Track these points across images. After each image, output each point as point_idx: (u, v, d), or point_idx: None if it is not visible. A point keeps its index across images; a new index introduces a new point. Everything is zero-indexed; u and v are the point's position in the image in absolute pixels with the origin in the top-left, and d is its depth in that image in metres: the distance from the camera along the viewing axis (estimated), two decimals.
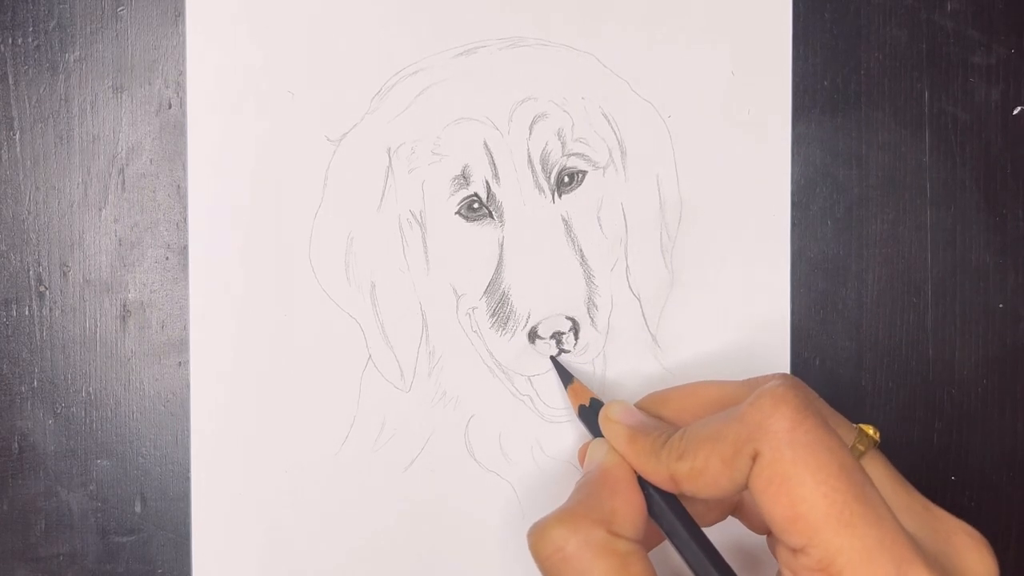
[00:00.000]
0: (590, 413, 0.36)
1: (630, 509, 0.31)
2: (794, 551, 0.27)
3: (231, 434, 0.38)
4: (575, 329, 0.39)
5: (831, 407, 0.32)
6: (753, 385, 0.32)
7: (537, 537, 0.30)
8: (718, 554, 0.30)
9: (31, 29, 0.38)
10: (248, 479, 0.38)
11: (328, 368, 0.38)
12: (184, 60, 0.38)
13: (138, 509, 0.38)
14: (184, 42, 0.38)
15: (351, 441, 0.38)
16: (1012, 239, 0.41)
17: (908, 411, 0.41)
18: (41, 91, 0.38)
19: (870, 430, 0.31)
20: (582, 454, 0.37)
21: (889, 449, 0.41)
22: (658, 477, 0.30)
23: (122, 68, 0.38)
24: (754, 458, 0.28)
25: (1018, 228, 0.41)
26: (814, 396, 0.32)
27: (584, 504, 0.30)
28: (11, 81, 0.38)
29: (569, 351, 0.39)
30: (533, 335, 0.38)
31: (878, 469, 0.30)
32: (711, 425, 0.29)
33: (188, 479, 0.38)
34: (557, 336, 0.38)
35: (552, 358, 0.38)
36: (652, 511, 0.31)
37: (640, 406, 0.35)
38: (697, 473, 0.29)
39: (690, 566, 0.30)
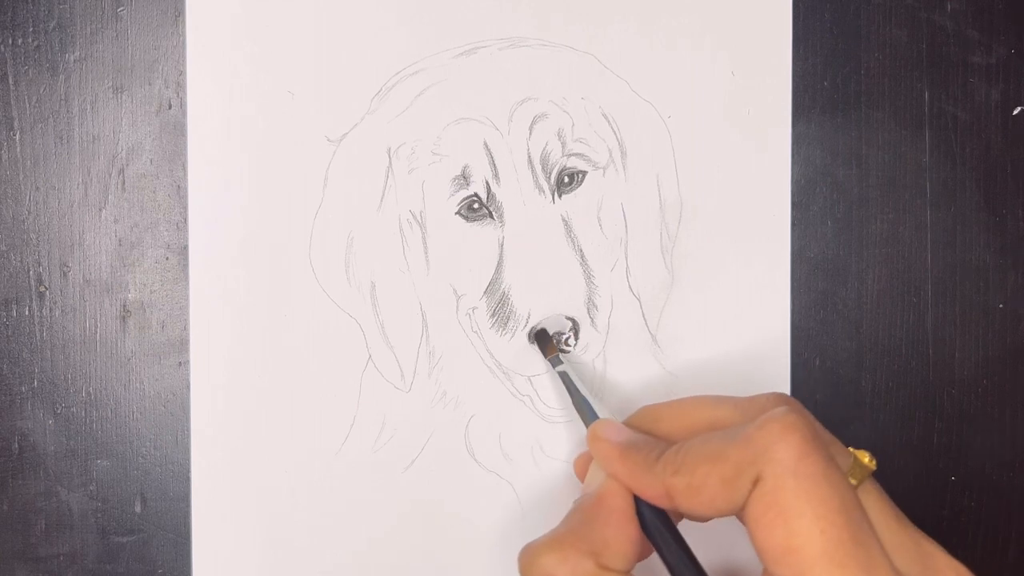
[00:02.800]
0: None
1: (623, 540, 0.30)
2: None
3: (231, 434, 0.38)
4: (575, 329, 0.39)
5: (828, 432, 0.32)
6: (747, 406, 0.32)
7: (527, 562, 0.30)
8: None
9: (31, 29, 0.38)
10: (248, 479, 0.38)
11: (328, 368, 0.38)
12: (184, 60, 0.38)
13: (138, 509, 0.38)
14: (184, 42, 0.38)
15: (351, 441, 0.38)
16: (1012, 239, 0.41)
17: (908, 411, 0.41)
18: (41, 91, 0.38)
19: (865, 458, 0.30)
20: (578, 467, 0.36)
21: (889, 449, 0.41)
22: (652, 492, 0.30)
23: (122, 68, 0.38)
24: (755, 482, 0.27)
25: (1018, 228, 0.41)
26: (814, 421, 0.32)
27: (575, 532, 0.30)
28: (11, 81, 0.38)
29: (569, 351, 0.39)
30: (533, 335, 0.39)
31: (873, 502, 0.30)
32: (712, 443, 0.29)
33: (188, 479, 0.38)
34: (557, 336, 0.38)
35: (560, 372, 0.38)
36: (645, 528, 0.31)
37: (631, 422, 0.34)
38: (694, 490, 0.28)
39: None
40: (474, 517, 0.39)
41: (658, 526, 0.30)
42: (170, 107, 0.38)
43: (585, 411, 0.35)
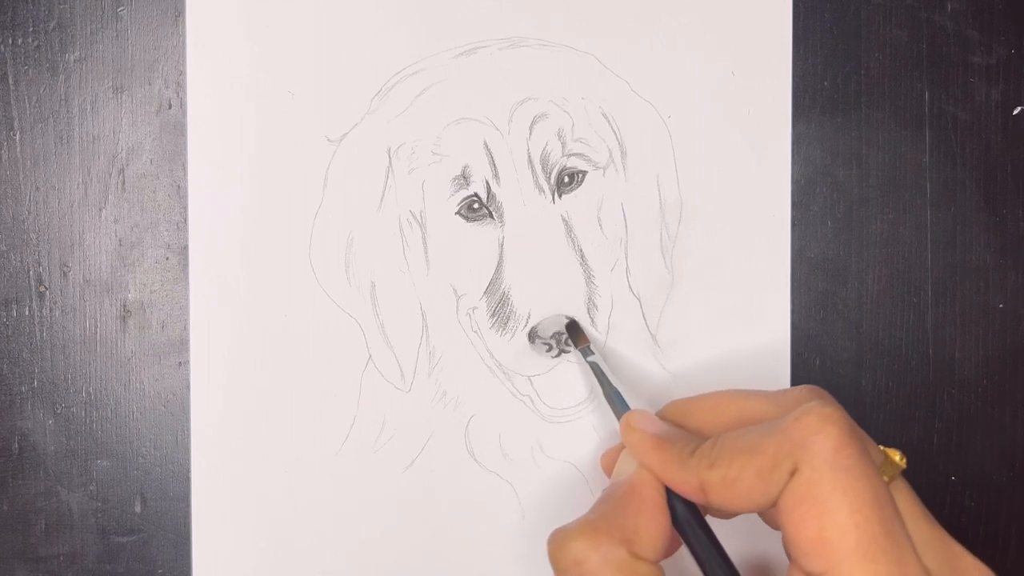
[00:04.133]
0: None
1: (654, 529, 0.30)
2: (810, 574, 0.27)
3: (231, 434, 0.38)
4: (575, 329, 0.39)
5: (860, 427, 0.31)
6: (780, 399, 0.32)
7: (557, 546, 0.29)
8: (736, 571, 0.30)
9: (31, 29, 0.38)
10: (248, 479, 0.38)
11: (328, 368, 0.38)
12: (184, 60, 0.38)
13: (138, 509, 0.38)
14: (184, 42, 0.38)
15: (351, 441, 0.38)
16: (1012, 239, 0.41)
17: (908, 411, 0.41)
18: (41, 91, 0.38)
19: (896, 456, 0.30)
20: (605, 460, 0.36)
21: None
22: (687, 487, 0.30)
23: (122, 68, 0.38)
24: (791, 475, 0.27)
25: (1018, 228, 0.41)
26: (848, 415, 0.31)
27: (607, 519, 0.30)
28: (11, 81, 0.38)
29: (570, 351, 0.39)
30: (533, 335, 0.39)
31: (903, 500, 0.30)
32: (748, 436, 0.29)
33: (188, 479, 0.38)
34: (557, 336, 0.38)
35: (591, 362, 0.37)
36: (676, 521, 0.31)
37: (661, 416, 0.34)
38: (730, 483, 0.28)
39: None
40: (474, 517, 0.39)
41: (689, 519, 0.30)
42: (170, 107, 0.38)
43: (616, 402, 0.35)
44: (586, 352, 0.37)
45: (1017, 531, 0.41)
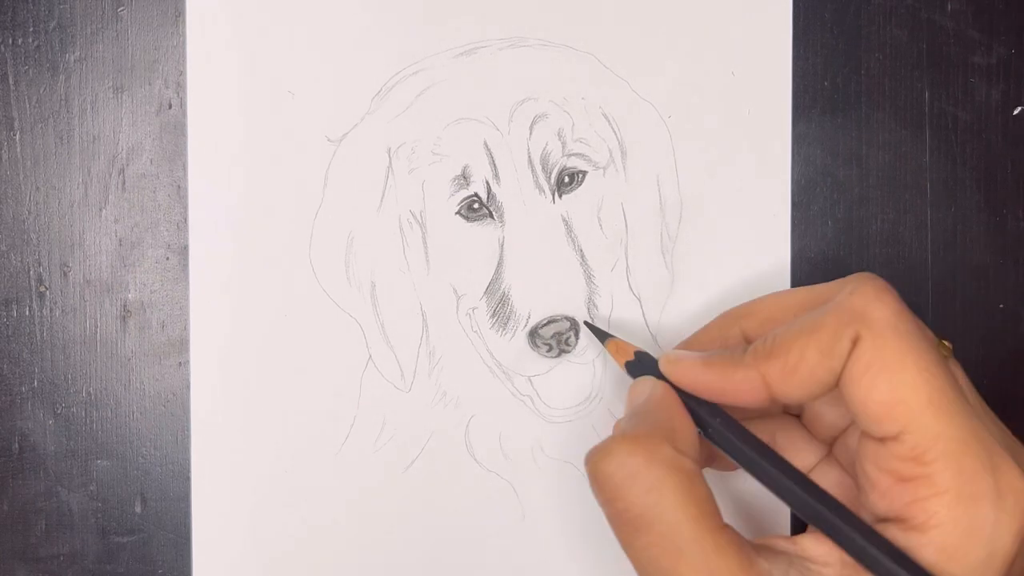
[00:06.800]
0: (637, 367, 0.35)
1: (688, 429, 0.30)
2: (883, 440, 0.27)
3: (231, 434, 0.38)
4: (575, 329, 0.39)
5: None
6: (824, 289, 0.32)
7: (599, 457, 0.28)
8: (790, 465, 0.29)
9: (31, 29, 0.38)
10: (248, 479, 0.38)
11: (328, 368, 0.38)
12: (184, 60, 0.38)
13: (138, 509, 0.38)
14: (184, 42, 0.38)
15: (351, 441, 0.38)
16: (1012, 239, 0.41)
17: None
18: (41, 91, 0.38)
19: (946, 341, 0.31)
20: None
21: None
22: (747, 384, 0.29)
23: (122, 68, 0.38)
24: (854, 343, 0.27)
25: (1018, 228, 0.41)
26: None
27: (644, 425, 0.29)
28: (11, 81, 0.38)
29: (570, 351, 0.39)
30: (533, 335, 0.38)
31: (960, 377, 0.30)
32: (804, 320, 0.29)
33: (188, 479, 0.38)
34: (557, 336, 0.38)
35: (586, 322, 0.38)
36: (710, 434, 0.30)
37: (719, 321, 0.35)
38: (791, 368, 0.28)
39: (758, 477, 0.30)
40: (474, 517, 0.39)
41: (722, 426, 0.30)
42: (170, 107, 0.38)
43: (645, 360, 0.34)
44: (602, 335, 0.37)
45: None
